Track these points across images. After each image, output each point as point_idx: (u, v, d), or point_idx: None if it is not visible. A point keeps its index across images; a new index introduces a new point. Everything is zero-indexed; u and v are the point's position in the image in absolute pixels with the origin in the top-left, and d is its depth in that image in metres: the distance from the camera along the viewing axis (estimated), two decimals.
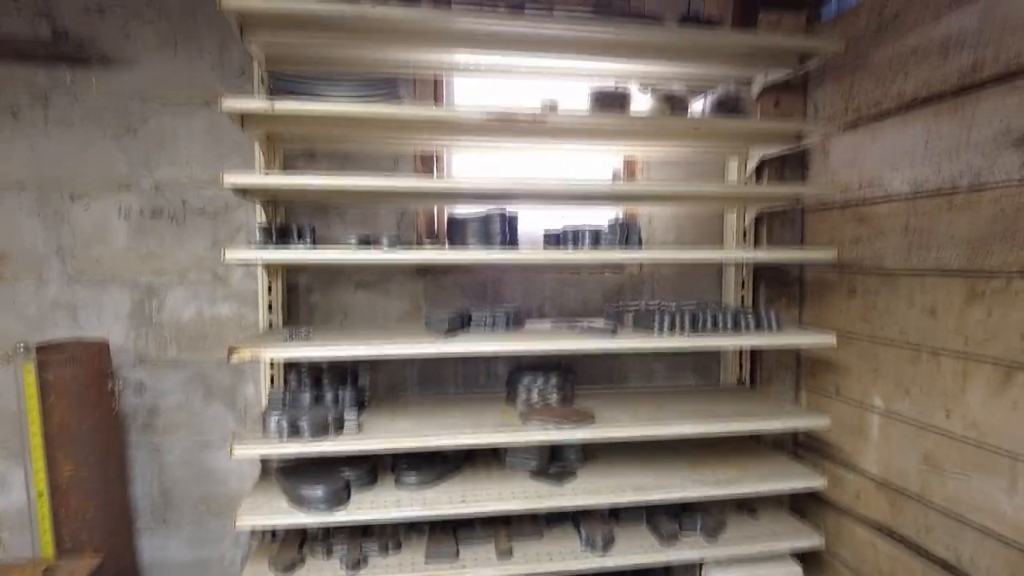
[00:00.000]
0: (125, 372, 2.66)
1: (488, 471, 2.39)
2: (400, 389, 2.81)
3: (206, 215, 2.70)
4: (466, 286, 2.83)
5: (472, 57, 2.43)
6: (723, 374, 3.03)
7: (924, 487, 2.22)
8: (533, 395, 2.42)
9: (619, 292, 2.95)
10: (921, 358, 2.24)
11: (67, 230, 2.62)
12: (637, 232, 2.25)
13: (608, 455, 2.57)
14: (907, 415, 2.30)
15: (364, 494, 2.17)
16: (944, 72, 2.14)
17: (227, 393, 2.73)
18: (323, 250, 2.07)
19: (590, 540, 2.23)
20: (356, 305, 2.77)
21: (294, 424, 2.04)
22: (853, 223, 2.57)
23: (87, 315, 2.64)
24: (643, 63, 2.47)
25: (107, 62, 2.61)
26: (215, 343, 2.71)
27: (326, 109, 2.02)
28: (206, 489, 2.73)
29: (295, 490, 2.06)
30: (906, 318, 2.31)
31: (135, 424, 2.68)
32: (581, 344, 2.17)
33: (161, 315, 2.69)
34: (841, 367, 2.64)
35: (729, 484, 2.29)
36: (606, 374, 2.96)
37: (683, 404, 2.54)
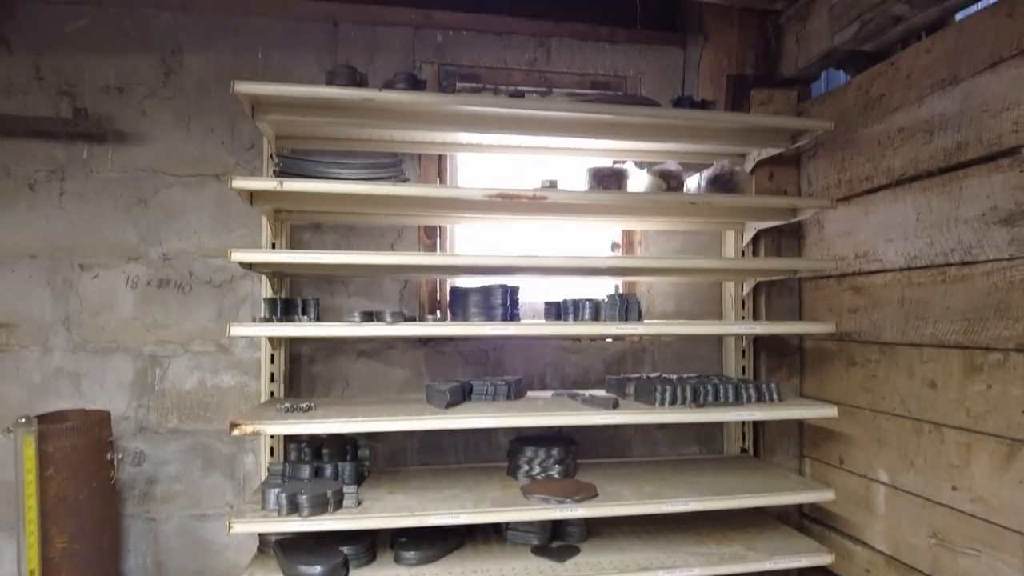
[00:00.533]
0: (125, 441, 2.65)
1: (489, 546, 2.35)
2: (400, 460, 2.79)
3: (212, 285, 2.74)
4: (467, 354, 2.85)
5: (475, 136, 2.52)
6: (726, 443, 3.00)
7: (935, 565, 2.17)
8: (535, 468, 2.40)
9: (620, 361, 2.96)
10: (923, 430, 2.23)
11: (75, 299, 2.66)
12: (636, 305, 2.28)
13: (612, 528, 2.52)
14: (913, 488, 2.27)
15: (362, 572, 2.12)
16: (930, 151, 2.22)
17: (226, 463, 2.71)
18: (327, 326, 2.10)
19: None
20: (357, 373, 2.78)
21: (293, 500, 2.02)
22: (850, 293, 2.60)
23: (90, 383, 2.66)
24: (639, 142, 2.57)
25: (123, 137, 2.71)
26: (216, 412, 2.71)
27: (333, 189, 2.08)
28: (202, 562, 2.68)
29: (292, 567, 2.02)
30: (906, 389, 2.31)
31: (132, 494, 2.65)
32: (583, 418, 2.17)
33: (164, 384, 2.70)
34: (844, 437, 2.62)
35: (735, 561, 2.24)
36: (608, 444, 2.94)
37: (686, 476, 2.51)
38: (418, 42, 2.91)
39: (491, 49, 2.96)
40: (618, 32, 3.05)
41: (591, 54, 3.04)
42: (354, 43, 2.86)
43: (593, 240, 3.01)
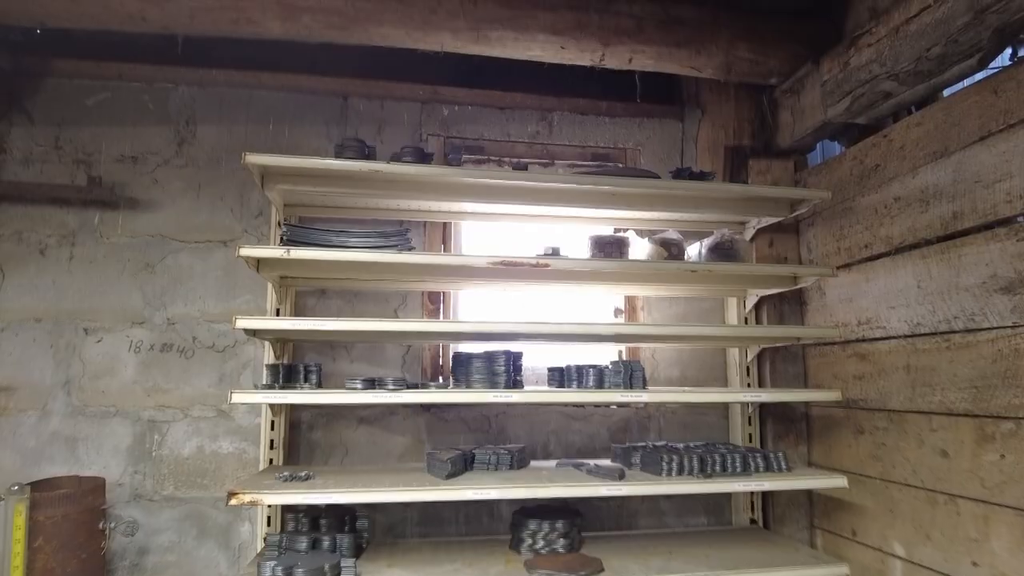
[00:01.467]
0: (119, 509, 2.59)
1: None
2: (399, 531, 2.71)
3: (215, 350, 2.74)
4: (470, 420, 2.81)
5: (479, 206, 2.58)
6: (734, 514, 2.92)
7: None
8: (538, 542, 2.33)
9: (625, 428, 2.92)
10: (938, 501, 2.17)
11: (77, 362, 2.66)
12: (640, 372, 2.27)
13: None
14: (931, 564, 2.19)
15: None
16: (927, 219, 2.25)
17: (222, 532, 2.64)
18: (329, 393, 2.09)
19: None
20: (358, 441, 2.74)
21: (289, 574, 1.95)
22: (855, 360, 2.59)
23: (86, 449, 2.62)
24: (640, 211, 2.62)
25: (134, 204, 2.77)
26: (213, 480, 2.66)
27: (339, 257, 2.11)
28: None
29: None
30: (918, 458, 2.27)
31: (122, 565, 2.56)
32: (589, 490, 2.12)
33: (161, 450, 2.66)
34: (856, 508, 2.55)
35: None
36: (614, 515, 2.85)
37: (695, 549, 2.43)
38: (425, 116, 3.01)
39: (495, 123, 3.06)
40: (617, 106, 3.15)
41: (592, 127, 3.14)
42: (363, 116, 2.96)
43: (596, 306, 3.02)
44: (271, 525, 2.48)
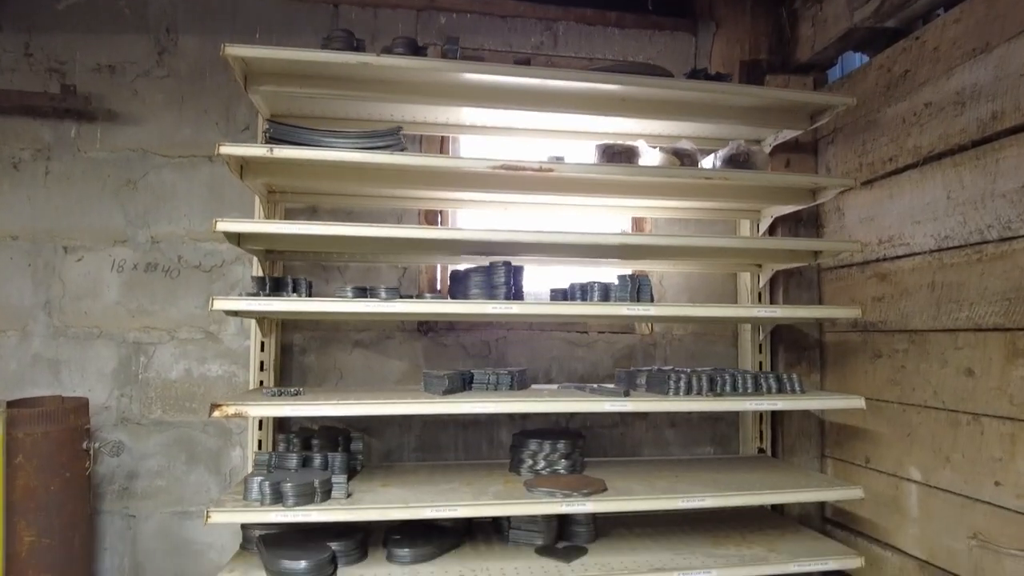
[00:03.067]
0: (105, 433, 2.50)
1: (490, 546, 2.17)
2: (396, 457, 2.63)
3: (202, 270, 2.61)
4: (469, 346, 2.70)
5: (478, 114, 2.41)
6: (742, 444, 2.83)
7: (976, 570, 1.99)
8: (539, 463, 2.23)
9: (630, 356, 2.80)
10: (961, 422, 2.06)
11: (57, 283, 2.53)
12: (648, 286, 2.13)
13: (621, 530, 2.34)
14: (950, 487, 2.09)
15: (352, 569, 1.95)
16: (962, 124, 2.09)
17: (212, 458, 2.55)
18: (317, 301, 1.96)
19: None
20: (352, 366, 2.63)
21: (277, 489, 1.86)
22: (874, 281, 2.45)
23: (69, 372, 2.51)
24: (650, 120, 2.44)
25: (113, 117, 2.60)
26: (202, 404, 2.56)
27: (326, 156, 1.96)
28: (183, 565, 2.50)
29: (276, 563, 1.85)
30: (940, 379, 2.15)
31: (110, 489, 2.49)
32: (591, 405, 2.01)
33: (148, 373, 2.56)
34: (870, 434, 2.45)
35: (756, 563, 2.06)
36: (617, 445, 2.77)
37: (701, 474, 2.34)
38: (421, 25, 2.81)
39: (496, 33, 2.86)
40: (627, 17, 2.95)
41: (599, 40, 2.94)
42: (355, 25, 2.75)
43: (601, 227, 2.87)
44: (262, 449, 2.39)
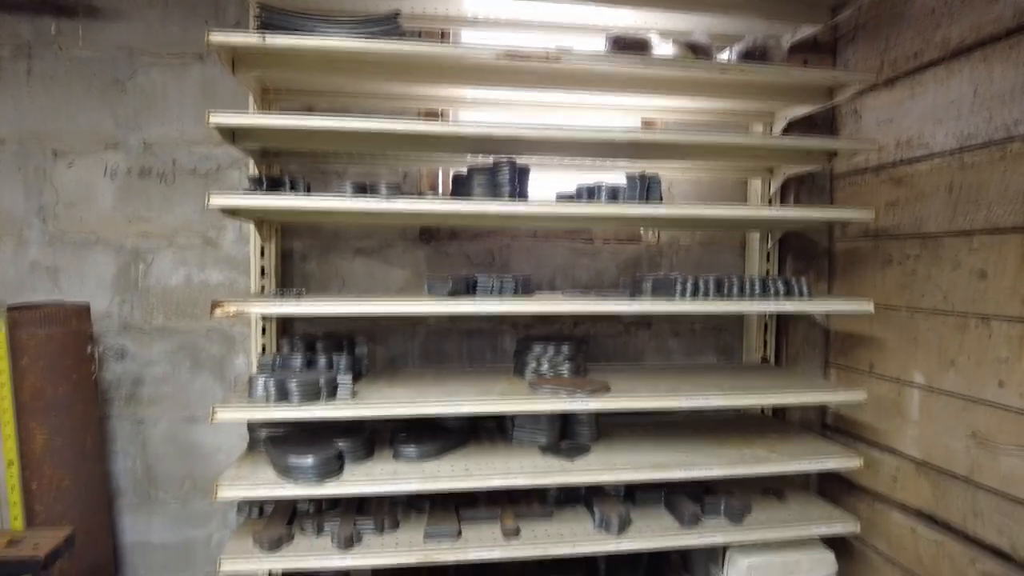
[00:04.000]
0: (109, 339, 2.49)
1: (493, 446, 2.21)
2: (401, 364, 2.64)
3: (197, 175, 2.54)
4: (472, 254, 2.66)
5: (479, 3, 2.27)
6: (746, 354, 2.83)
7: (973, 467, 2.02)
8: (543, 366, 2.23)
9: (635, 265, 2.76)
10: (969, 326, 2.04)
11: (49, 189, 2.46)
12: (658, 185, 2.07)
13: (623, 434, 2.38)
14: (952, 389, 2.10)
15: (359, 466, 1.99)
16: (996, 12, 1.96)
17: (216, 364, 2.56)
18: (315, 198, 1.90)
19: (604, 521, 2.04)
20: (355, 273, 2.60)
21: (282, 387, 1.86)
22: (889, 186, 2.38)
23: (69, 279, 2.49)
24: (663, 13, 2.30)
25: (94, 13, 2.46)
26: (204, 311, 2.55)
27: (322, 44, 1.86)
28: (192, 466, 2.56)
29: (283, 459, 1.88)
30: (951, 283, 2.11)
31: (118, 395, 2.51)
32: (597, 307, 1.99)
33: (148, 280, 2.53)
34: (876, 342, 2.44)
35: (757, 463, 2.10)
36: (621, 353, 2.77)
37: (704, 379, 2.34)
38: None
39: None
40: None
41: None
42: None
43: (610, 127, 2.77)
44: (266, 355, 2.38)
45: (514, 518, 2.08)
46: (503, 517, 2.08)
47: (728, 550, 2.19)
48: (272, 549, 1.88)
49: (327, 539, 1.97)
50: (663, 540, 2.03)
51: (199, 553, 2.58)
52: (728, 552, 2.19)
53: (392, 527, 2.04)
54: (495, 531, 2.04)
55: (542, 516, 2.14)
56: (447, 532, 1.98)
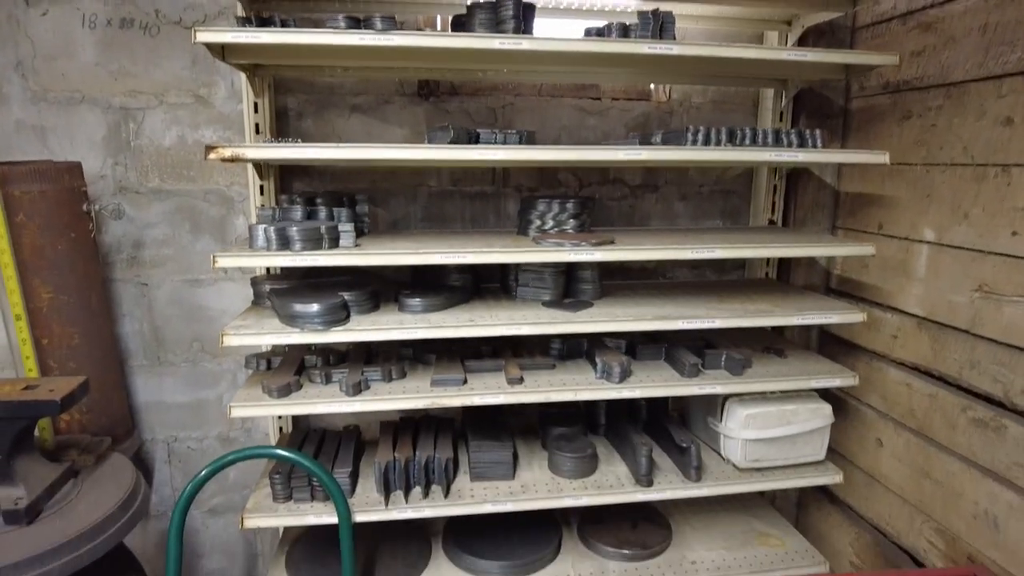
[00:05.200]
0: (105, 201, 2.45)
1: (497, 302, 2.21)
2: (403, 226, 2.61)
3: (183, 27, 2.39)
4: (473, 113, 2.55)
5: None
6: (752, 218, 2.79)
7: (975, 319, 2.02)
8: (547, 222, 2.20)
9: (644, 125, 2.66)
10: (987, 176, 1.98)
11: (25, 40, 2.32)
12: (672, 25, 1.94)
13: (626, 293, 2.38)
14: (963, 243, 2.07)
15: (364, 317, 1.99)
16: None
17: (216, 226, 2.53)
18: (305, 33, 1.78)
19: (606, 370, 2.08)
20: (351, 132, 2.51)
21: (283, 235, 1.83)
22: (916, 34, 2.24)
23: (57, 139, 2.40)
24: None
25: None
26: (200, 172, 2.48)
27: None
28: (199, 329, 2.59)
29: (288, 308, 1.88)
30: (973, 133, 2.03)
31: (119, 258, 2.50)
32: (604, 154, 1.91)
33: (140, 140, 2.44)
34: (887, 200, 2.39)
35: (760, 315, 2.10)
36: (627, 215, 2.73)
37: (712, 236, 2.31)
38: None
39: None
40: None
41: None
42: None
43: None
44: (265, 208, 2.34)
45: (518, 369, 2.12)
46: (507, 367, 2.12)
47: (727, 402, 2.25)
48: (281, 395, 1.93)
49: (335, 387, 2.01)
50: (664, 389, 2.07)
51: (211, 411, 2.66)
52: (727, 403, 2.25)
53: (399, 376, 2.09)
54: (500, 380, 2.08)
55: (545, 368, 2.18)
56: (453, 379, 2.02)
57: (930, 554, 2.18)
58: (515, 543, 2.33)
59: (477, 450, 2.17)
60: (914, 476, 2.24)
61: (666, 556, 2.38)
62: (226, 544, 2.81)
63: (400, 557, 2.32)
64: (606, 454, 2.38)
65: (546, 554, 2.31)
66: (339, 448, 2.24)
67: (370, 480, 2.13)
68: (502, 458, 2.17)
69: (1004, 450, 1.91)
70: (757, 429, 2.19)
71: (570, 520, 2.54)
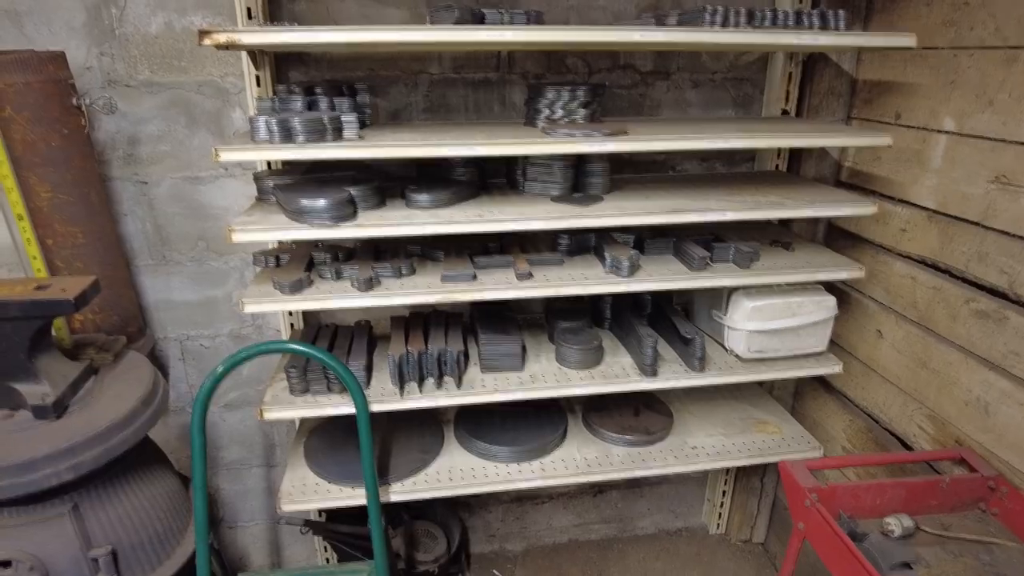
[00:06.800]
0: (94, 95, 2.34)
1: (505, 197, 2.18)
2: (404, 117, 2.52)
3: None
4: None
5: None
6: (765, 107, 2.70)
7: (987, 210, 2.00)
8: (556, 112, 2.12)
9: (657, 6, 2.51)
10: (1019, 59, 1.89)
11: None
12: None
13: (635, 187, 2.34)
14: (984, 132, 2.01)
15: (371, 213, 1.97)
16: None
17: (212, 120, 2.44)
18: None
19: (615, 263, 2.08)
20: (347, 14, 2.37)
21: (285, 127, 1.77)
22: None
23: (35, 25, 2.26)
24: None
25: None
26: (192, 62, 2.36)
27: None
28: (203, 227, 2.56)
29: (295, 203, 1.85)
30: (1007, 10, 1.92)
31: (115, 156, 2.43)
32: (619, 35, 1.81)
33: (124, 28, 2.30)
34: (906, 88, 2.30)
35: (772, 207, 2.08)
36: (636, 104, 2.63)
37: (725, 126, 2.25)
38: None
39: None
40: None
41: None
42: None
43: None
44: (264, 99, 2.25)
45: (527, 264, 2.12)
46: (516, 263, 2.12)
47: (733, 294, 2.27)
48: (294, 291, 1.94)
49: (346, 283, 2.02)
50: (672, 282, 2.08)
51: (221, 309, 2.69)
52: (732, 296, 2.27)
53: (409, 272, 2.09)
54: (509, 275, 2.09)
55: (553, 263, 2.18)
56: (463, 275, 2.02)
57: (920, 439, 2.29)
58: (523, 429, 2.43)
59: (487, 343, 2.21)
60: (911, 366, 2.31)
61: (668, 441, 2.49)
62: (244, 435, 2.93)
63: (415, 443, 2.43)
64: (612, 347, 2.43)
65: (553, 439, 2.42)
66: (352, 342, 2.28)
67: (384, 372, 2.19)
68: (511, 350, 2.22)
69: (1003, 339, 1.95)
70: (762, 321, 2.23)
71: (575, 408, 2.65)
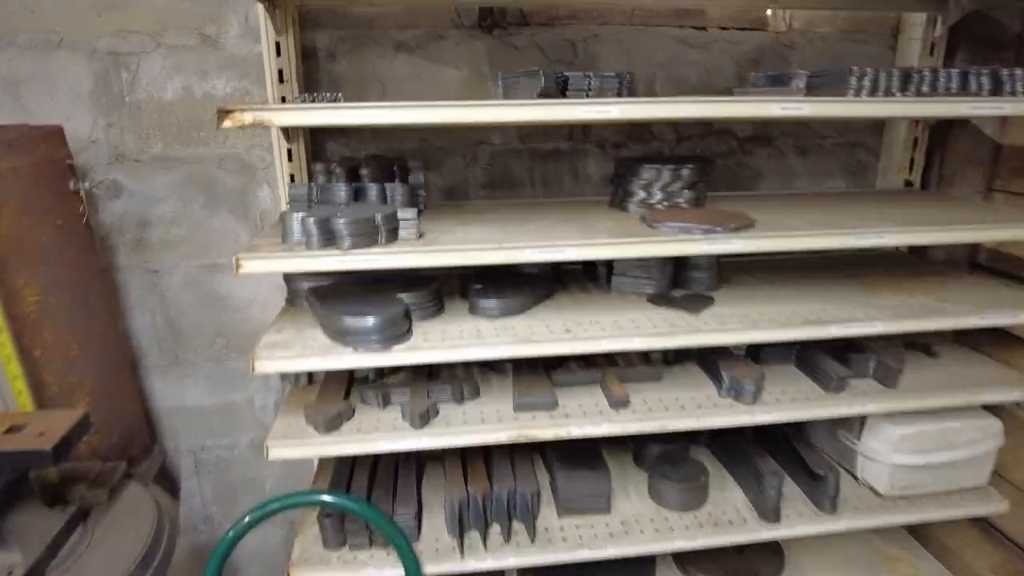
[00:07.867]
0: (99, 174, 2.00)
1: (588, 296, 1.77)
2: (460, 194, 2.14)
3: None
4: (547, 48, 2.04)
5: None
6: (881, 176, 2.29)
7: None
8: (655, 195, 1.72)
9: (758, 61, 2.13)
10: None
11: None
12: None
13: (743, 279, 1.92)
14: None
15: (429, 325, 1.57)
16: None
17: (236, 199, 2.08)
18: None
19: (734, 386, 1.65)
20: (396, 75, 2.01)
21: (327, 227, 1.38)
22: None
23: (34, 93, 1.93)
24: None
25: None
26: (213, 133, 2.02)
27: None
28: (222, 321, 2.18)
29: (336, 320, 1.46)
30: None
31: (122, 241, 2.07)
32: (752, 108, 1.42)
33: (136, 94, 1.97)
34: None
35: (931, 315, 1.64)
36: (731, 176, 2.24)
37: (851, 207, 1.83)
38: None
39: None
40: None
41: None
42: None
43: None
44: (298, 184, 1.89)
45: (619, 382, 1.69)
46: (606, 380, 1.70)
47: (869, 417, 1.82)
48: (330, 429, 1.53)
49: (396, 413, 1.61)
50: (806, 410, 1.64)
51: (243, 415, 2.29)
52: (869, 419, 1.82)
53: (472, 395, 1.68)
54: (598, 398, 1.66)
55: (650, 379, 1.76)
56: (541, 401, 1.60)
57: None
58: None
59: (566, 479, 1.77)
60: None
61: None
62: (265, 556, 2.50)
63: None
64: (716, 474, 1.96)
65: None
66: (397, 474, 1.85)
67: (436, 516, 1.76)
68: (596, 489, 1.77)
69: None
70: (911, 454, 1.77)
71: None
